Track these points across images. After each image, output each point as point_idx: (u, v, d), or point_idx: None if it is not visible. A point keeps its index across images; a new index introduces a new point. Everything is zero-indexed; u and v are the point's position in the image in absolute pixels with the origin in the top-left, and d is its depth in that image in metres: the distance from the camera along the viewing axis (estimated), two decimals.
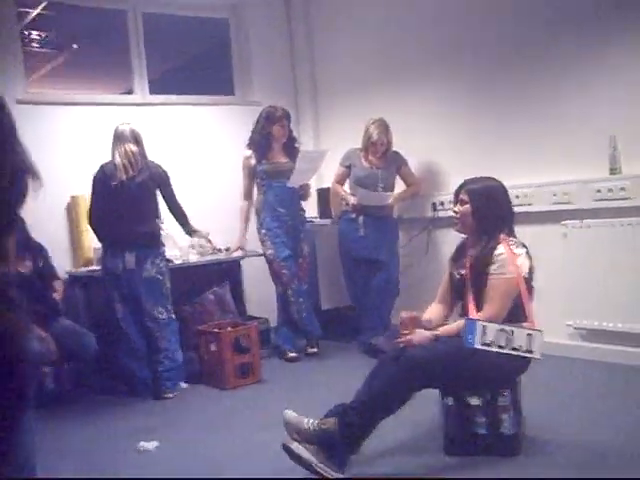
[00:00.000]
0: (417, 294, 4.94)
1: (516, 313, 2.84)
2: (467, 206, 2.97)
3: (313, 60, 6.00)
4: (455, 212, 3.04)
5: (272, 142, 4.81)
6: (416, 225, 5.11)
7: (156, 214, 4.27)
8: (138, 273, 4.13)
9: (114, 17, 5.29)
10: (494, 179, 3.06)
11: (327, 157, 4.90)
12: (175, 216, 4.37)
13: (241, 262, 5.09)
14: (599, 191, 4.02)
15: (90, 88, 5.52)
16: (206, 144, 5.50)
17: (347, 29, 5.62)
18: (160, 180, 4.23)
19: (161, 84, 5.69)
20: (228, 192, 5.03)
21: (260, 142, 4.80)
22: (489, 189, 3.00)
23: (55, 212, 4.79)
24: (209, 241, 5.09)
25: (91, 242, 4.69)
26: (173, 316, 4.28)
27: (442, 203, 4.85)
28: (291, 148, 4.90)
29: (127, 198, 4.09)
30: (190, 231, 4.47)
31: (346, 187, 4.99)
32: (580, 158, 4.13)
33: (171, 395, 4.13)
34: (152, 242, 4.21)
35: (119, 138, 4.17)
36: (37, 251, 4.23)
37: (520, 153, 4.45)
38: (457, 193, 3.06)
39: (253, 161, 4.81)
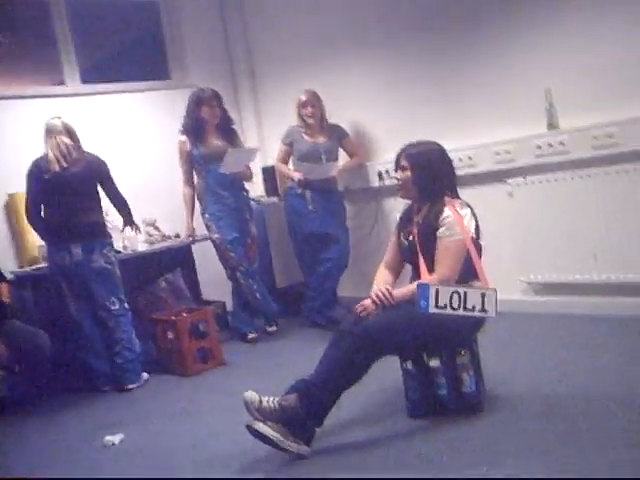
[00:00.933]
0: (369, 265, 4.97)
1: (467, 273, 2.87)
2: (408, 172, 2.97)
3: (247, 38, 5.91)
4: (397, 179, 3.05)
5: (204, 125, 4.72)
6: (364, 195, 5.12)
7: (98, 204, 4.17)
8: (86, 265, 4.05)
9: (37, 5, 5.11)
10: (433, 142, 3.06)
11: (266, 138, 4.88)
12: (117, 208, 4.28)
13: (192, 247, 5.03)
14: (539, 147, 4.08)
15: (19, 81, 5.34)
16: (145, 131, 5.39)
17: (280, 3, 5.54)
18: (99, 170, 4.14)
19: (94, 73, 5.53)
20: (172, 178, 4.94)
21: (192, 126, 4.72)
22: (428, 153, 3.01)
23: None
24: (157, 229, 5.04)
25: (35, 240, 4.57)
26: (126, 306, 4.20)
27: (387, 171, 4.86)
28: (226, 129, 4.82)
29: (64, 190, 4.00)
30: (130, 224, 4.36)
31: (290, 165, 4.96)
32: (519, 115, 4.18)
33: (132, 386, 4.08)
34: (97, 232, 4.12)
35: (50, 131, 4.07)
36: None
37: (459, 115, 4.47)
38: (397, 160, 3.05)
39: (188, 146, 4.73)
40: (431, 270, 2.88)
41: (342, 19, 5.09)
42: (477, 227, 2.93)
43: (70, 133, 4.10)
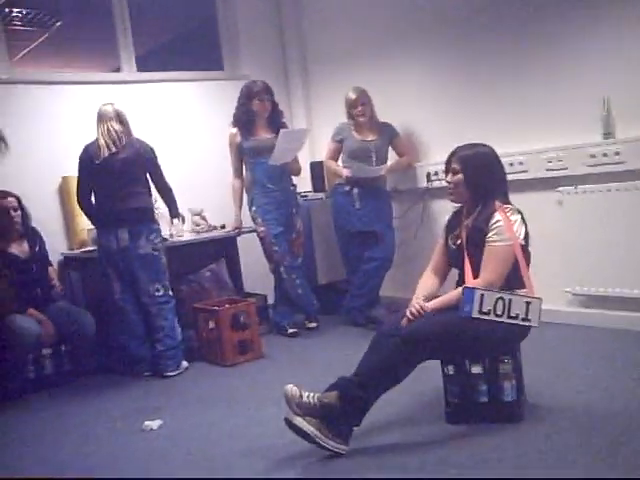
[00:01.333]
0: (413, 267, 4.95)
1: (514, 280, 2.83)
2: (460, 175, 2.93)
3: (302, 33, 5.92)
4: (448, 182, 3.00)
5: (254, 118, 4.74)
6: (411, 196, 5.09)
7: (147, 190, 4.23)
8: (133, 250, 4.11)
9: None
10: (485, 145, 3.01)
11: (316, 133, 4.84)
12: (161, 195, 4.33)
13: (237, 239, 5.07)
14: (593, 156, 4.00)
15: (77, 66, 5.44)
16: (196, 121, 5.45)
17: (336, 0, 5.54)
18: (147, 157, 4.19)
19: (149, 61, 5.61)
20: (220, 169, 4.99)
21: (242, 119, 4.75)
22: (480, 155, 2.96)
23: (46, 194, 4.75)
24: (204, 218, 5.09)
25: (85, 223, 4.66)
26: (170, 293, 4.25)
27: (436, 173, 4.82)
28: (277, 123, 4.83)
29: (113, 175, 4.07)
30: (175, 214, 4.41)
31: (340, 163, 4.96)
32: (573, 123, 4.10)
33: (173, 373, 4.13)
34: (144, 218, 4.17)
35: (101, 117, 4.15)
36: (34, 236, 4.24)
37: (512, 120, 4.41)
38: (448, 162, 3.00)
39: (239, 138, 4.76)
40: (477, 275, 2.85)
41: (396, 18, 5.06)
42: (527, 234, 2.88)
43: (121, 119, 4.15)
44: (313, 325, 4.94)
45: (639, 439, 2.57)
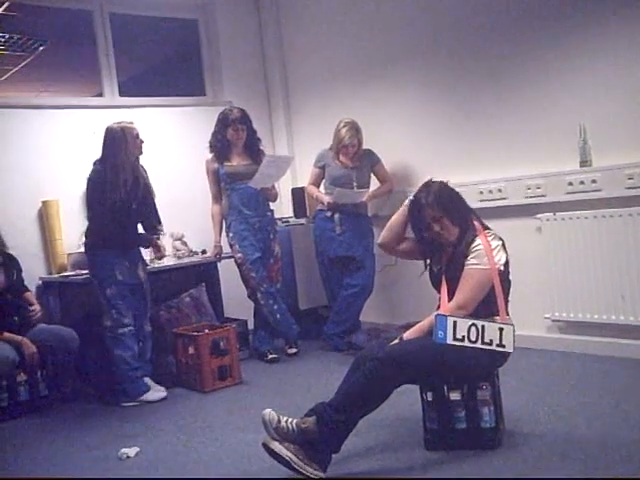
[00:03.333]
0: (393, 293, 4.99)
1: (490, 306, 2.84)
2: (444, 219, 2.90)
3: (284, 59, 5.98)
4: (438, 233, 2.91)
5: (230, 145, 4.77)
6: None
7: None
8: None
9: (81, 18, 5.22)
10: (435, 181, 3.00)
11: (297, 159, 4.87)
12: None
13: (218, 264, 5.06)
14: (571, 184, 4.05)
15: (59, 91, 5.45)
16: (178, 146, 5.46)
17: (318, 27, 5.61)
18: None
19: (132, 86, 5.63)
20: (202, 194, 4.99)
21: (217, 146, 4.77)
22: (443, 190, 2.95)
23: (26, 217, 4.72)
24: (184, 243, 5.08)
25: (64, 248, 4.64)
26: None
27: None
28: (253, 149, 4.85)
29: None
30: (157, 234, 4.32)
31: (321, 188, 4.98)
32: (552, 151, 4.16)
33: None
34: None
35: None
36: (11, 263, 4.21)
37: (492, 147, 4.47)
38: (421, 218, 2.94)
39: (215, 164, 4.78)
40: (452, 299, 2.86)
41: (379, 47, 5.13)
42: (507, 262, 2.90)
43: None
44: (293, 351, 4.92)
45: (616, 464, 2.57)
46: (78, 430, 3.71)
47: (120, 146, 3.97)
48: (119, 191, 3.92)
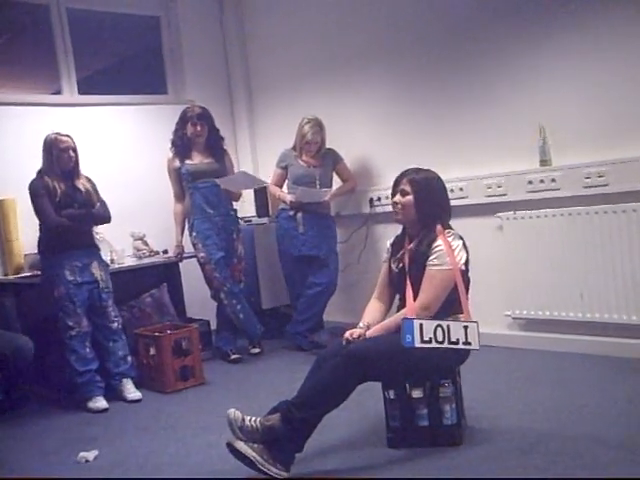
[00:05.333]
0: (357, 291, 5.00)
1: (453, 306, 2.86)
2: (410, 197, 2.95)
3: (246, 57, 5.96)
4: (396, 203, 3.00)
5: (191, 143, 4.73)
6: (355, 221, 5.13)
7: None
8: None
9: (38, 12, 5.11)
10: (432, 171, 3.05)
11: (260, 159, 5.02)
12: None
13: (179, 264, 5.01)
14: (531, 182, 4.10)
15: (16, 87, 5.33)
16: (140, 145, 5.39)
17: (281, 26, 5.59)
18: None
19: (93, 84, 5.54)
20: (163, 193, 4.92)
21: (178, 143, 4.73)
22: (431, 180, 3.00)
23: None
24: (145, 243, 5.02)
25: (22, 249, 4.55)
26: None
27: (379, 198, 4.88)
28: (216, 148, 4.82)
29: None
30: None
31: (284, 189, 4.97)
32: (512, 151, 4.21)
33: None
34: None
35: None
36: None
37: (454, 146, 4.50)
38: (397, 183, 3.01)
39: (177, 163, 4.74)
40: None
41: (341, 47, 5.13)
42: (467, 261, 2.92)
43: None
44: (256, 350, 4.89)
45: (573, 458, 2.61)
46: (35, 435, 3.64)
47: (48, 156, 4.00)
48: (52, 199, 3.92)
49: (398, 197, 2.99)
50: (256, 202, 5.58)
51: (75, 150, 4.04)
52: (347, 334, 2.91)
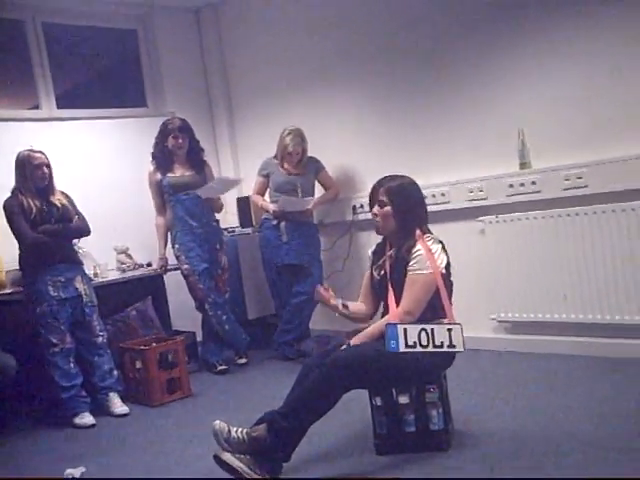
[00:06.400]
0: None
1: (436, 309, 2.87)
2: (388, 207, 2.95)
3: (225, 68, 5.96)
4: (375, 214, 3.00)
5: (172, 155, 4.72)
6: (338, 229, 5.14)
7: None
8: None
9: (13, 27, 5.09)
10: (406, 176, 3.06)
11: (242, 169, 5.05)
12: None
13: (164, 276, 4.99)
14: (511, 186, 4.13)
15: None
16: (120, 158, 5.35)
17: (259, 35, 5.60)
18: None
19: (71, 98, 5.51)
20: (145, 206, 4.90)
21: (158, 156, 4.73)
22: (406, 187, 3.00)
23: None
24: (129, 256, 5.00)
25: (2, 265, 4.50)
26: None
27: (362, 205, 4.89)
28: (196, 160, 4.81)
29: None
30: None
31: (267, 197, 4.97)
32: (493, 154, 4.24)
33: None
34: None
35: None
36: None
37: (434, 152, 4.53)
38: (374, 194, 3.02)
39: (158, 176, 4.73)
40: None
41: (321, 56, 5.15)
42: (448, 264, 2.93)
43: None
44: (243, 361, 4.88)
45: (560, 459, 2.63)
46: (21, 452, 3.60)
47: (22, 174, 3.98)
48: (27, 217, 3.90)
49: (377, 208, 2.99)
50: (239, 213, 5.57)
51: (49, 166, 4.01)
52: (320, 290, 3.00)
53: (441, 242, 2.96)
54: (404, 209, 2.95)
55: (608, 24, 3.74)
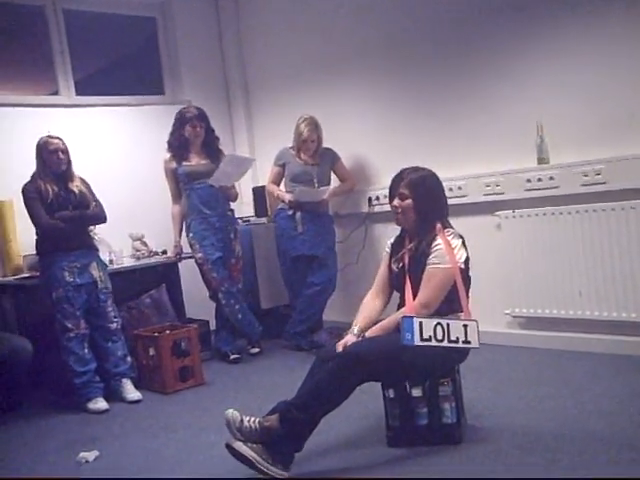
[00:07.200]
0: (355, 291, 4.97)
1: (453, 304, 2.86)
2: (409, 200, 2.92)
3: (243, 57, 5.95)
4: (395, 207, 2.97)
5: (188, 144, 4.72)
6: (353, 221, 5.13)
7: None
8: None
9: (34, 13, 5.11)
10: (427, 168, 3.03)
11: (258, 158, 4.91)
12: None
13: (179, 264, 5.00)
14: (529, 181, 4.10)
15: (13, 88, 5.32)
16: (137, 145, 5.38)
17: (277, 25, 5.59)
18: None
19: (90, 85, 5.53)
20: (161, 194, 4.91)
21: (175, 144, 4.73)
22: (428, 180, 2.97)
23: None
24: (144, 244, 5.02)
25: (19, 250, 4.54)
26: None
27: (377, 197, 4.87)
28: (212, 148, 4.80)
29: None
30: None
31: (282, 187, 4.96)
32: (510, 149, 4.21)
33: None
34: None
35: None
36: None
37: (452, 145, 4.50)
38: (395, 186, 2.98)
39: (174, 164, 4.73)
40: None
41: (339, 45, 5.13)
42: (467, 259, 2.92)
43: None
44: (256, 350, 4.89)
45: (573, 456, 2.62)
46: (35, 436, 3.63)
47: (39, 160, 4.02)
48: (44, 202, 3.93)
49: (397, 201, 2.96)
50: (255, 202, 5.58)
51: (65, 152, 4.03)
52: (340, 346, 2.87)
53: (462, 237, 2.94)
54: (425, 202, 2.93)
55: (628, 19, 3.70)
